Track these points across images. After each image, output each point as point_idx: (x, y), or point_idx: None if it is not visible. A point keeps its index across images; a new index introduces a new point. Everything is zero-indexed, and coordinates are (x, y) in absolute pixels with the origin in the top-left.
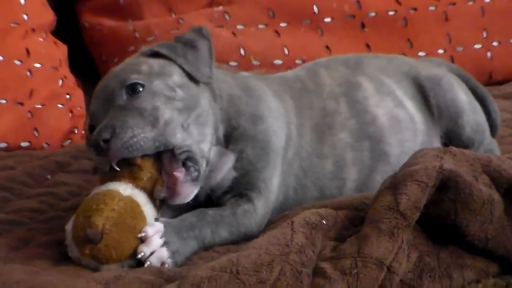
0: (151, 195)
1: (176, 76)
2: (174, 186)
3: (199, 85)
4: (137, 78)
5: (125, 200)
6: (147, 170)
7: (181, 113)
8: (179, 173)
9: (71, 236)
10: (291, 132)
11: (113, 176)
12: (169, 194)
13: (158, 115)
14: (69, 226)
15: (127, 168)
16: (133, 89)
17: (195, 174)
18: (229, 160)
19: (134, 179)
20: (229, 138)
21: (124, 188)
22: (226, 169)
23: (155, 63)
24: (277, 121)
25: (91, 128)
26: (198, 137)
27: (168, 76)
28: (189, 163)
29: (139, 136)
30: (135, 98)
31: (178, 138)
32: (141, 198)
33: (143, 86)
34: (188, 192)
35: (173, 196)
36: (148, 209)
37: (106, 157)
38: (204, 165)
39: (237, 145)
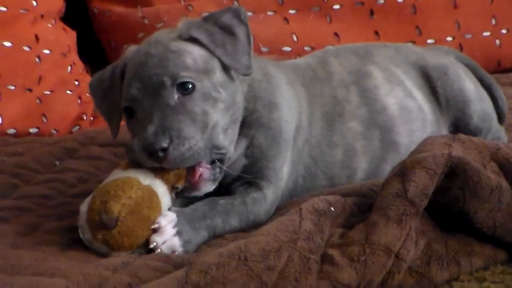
0: (171, 187)
1: (218, 73)
2: (194, 180)
3: (234, 79)
4: (187, 76)
5: (143, 189)
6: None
7: (223, 115)
8: (205, 170)
9: (85, 218)
10: (302, 121)
11: (138, 164)
12: (188, 187)
13: (208, 121)
14: (84, 207)
15: None
16: (184, 88)
17: (218, 175)
18: (240, 146)
19: (159, 171)
20: (243, 122)
21: (145, 177)
22: (236, 156)
23: (198, 55)
24: (290, 110)
25: (128, 110)
26: (233, 136)
27: (212, 73)
28: (217, 164)
29: (195, 147)
30: (187, 99)
31: (221, 139)
32: (161, 189)
33: (194, 85)
34: (207, 189)
35: (191, 190)
36: (165, 200)
37: (157, 162)
38: (227, 165)
39: (250, 130)
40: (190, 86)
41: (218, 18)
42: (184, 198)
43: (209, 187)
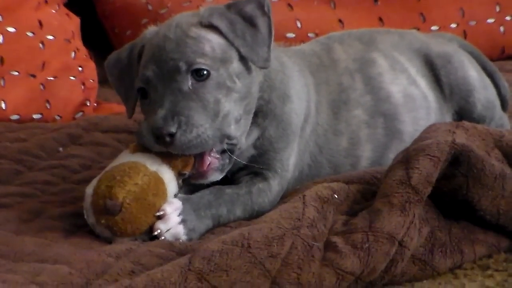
0: (178, 173)
1: (235, 63)
2: (202, 169)
3: (251, 71)
4: (204, 63)
5: (149, 175)
6: None
7: (236, 105)
8: (214, 159)
9: (90, 201)
10: (310, 109)
11: (146, 148)
12: (195, 175)
13: (219, 109)
14: (89, 190)
15: None
16: (199, 75)
17: (226, 165)
18: (251, 137)
19: (167, 155)
20: (257, 112)
21: (152, 163)
22: (245, 146)
23: (216, 44)
24: (300, 101)
25: (142, 90)
26: (245, 127)
27: (229, 63)
28: (226, 154)
29: (203, 135)
30: (200, 86)
31: (232, 129)
32: (167, 175)
33: (209, 73)
34: (214, 178)
35: (198, 177)
36: (172, 187)
37: (163, 146)
38: (235, 154)
39: (264, 120)
40: (205, 73)
41: (241, 8)
42: (190, 184)
43: (217, 176)
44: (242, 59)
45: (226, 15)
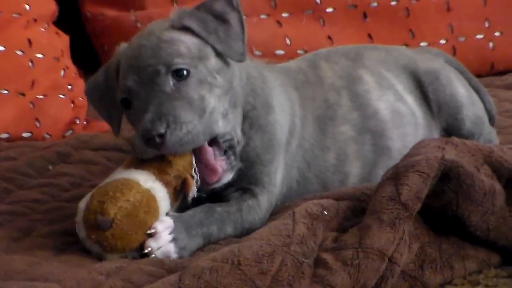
0: (172, 191)
1: (213, 59)
2: (212, 174)
3: (230, 65)
4: (182, 63)
5: (142, 193)
6: (176, 167)
7: (220, 99)
8: (221, 162)
9: (82, 215)
10: (295, 124)
11: (141, 163)
12: (205, 180)
13: (205, 105)
14: (82, 204)
15: (157, 160)
16: (179, 75)
17: (234, 162)
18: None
19: (160, 172)
20: (244, 118)
21: (146, 180)
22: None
23: (191, 43)
24: (283, 113)
25: (124, 101)
26: (234, 121)
27: (206, 59)
28: (230, 152)
29: (193, 131)
30: (182, 85)
31: (220, 125)
32: (160, 193)
33: (188, 71)
34: (227, 178)
35: (212, 182)
36: (164, 205)
37: (156, 149)
38: (238, 149)
39: (250, 129)
40: (185, 72)
41: (210, 6)
42: (182, 203)
43: (228, 176)
44: (219, 55)
45: (197, 15)
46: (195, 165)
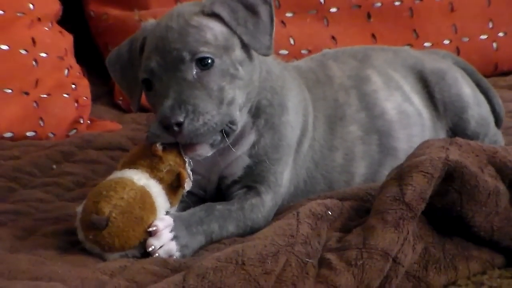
0: (167, 186)
1: (238, 50)
2: (188, 149)
3: (253, 58)
4: (207, 51)
5: (136, 190)
6: (167, 162)
7: (240, 91)
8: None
9: (79, 218)
10: (308, 124)
11: (133, 163)
12: (185, 148)
13: (223, 97)
14: (79, 208)
15: (148, 158)
16: (203, 63)
17: (217, 142)
18: (248, 141)
19: (152, 169)
20: (259, 110)
21: (139, 178)
22: (241, 152)
23: (219, 32)
24: (297, 115)
25: (146, 82)
26: (244, 115)
27: (232, 50)
28: (222, 133)
29: (210, 123)
30: (205, 75)
31: (235, 116)
32: (155, 189)
33: (213, 60)
34: (204, 152)
35: (188, 150)
36: (160, 201)
37: (172, 136)
38: (230, 139)
39: (264, 125)
40: (209, 61)
41: None
42: (182, 202)
43: (207, 151)
44: (244, 46)
45: (228, 3)
46: (186, 158)
